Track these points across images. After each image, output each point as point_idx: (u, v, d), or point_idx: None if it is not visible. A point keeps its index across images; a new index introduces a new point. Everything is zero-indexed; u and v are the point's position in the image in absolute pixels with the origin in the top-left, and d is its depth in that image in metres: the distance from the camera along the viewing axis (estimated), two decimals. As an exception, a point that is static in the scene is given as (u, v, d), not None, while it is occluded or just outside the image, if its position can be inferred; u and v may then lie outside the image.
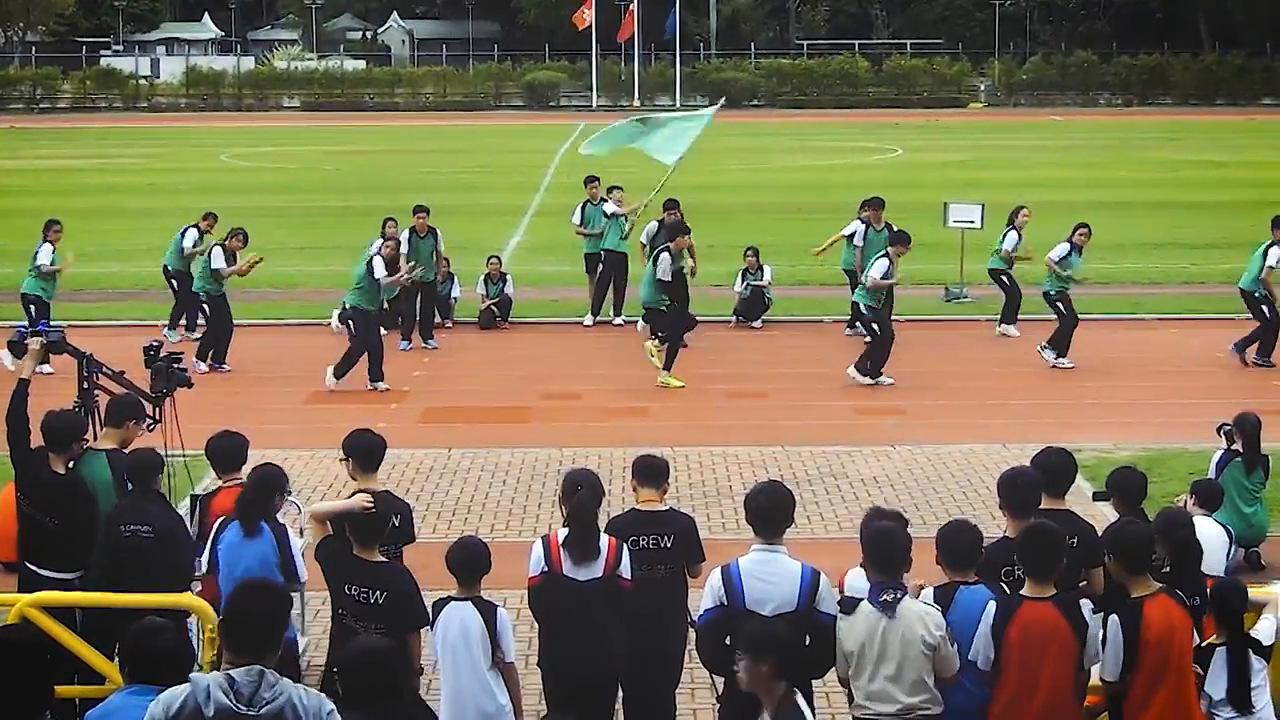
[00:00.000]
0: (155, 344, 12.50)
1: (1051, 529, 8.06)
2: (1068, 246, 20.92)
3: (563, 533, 8.89)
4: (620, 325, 23.80)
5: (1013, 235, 22.78)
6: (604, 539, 8.89)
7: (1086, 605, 7.87)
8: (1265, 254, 20.39)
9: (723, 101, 26.94)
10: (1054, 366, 20.70)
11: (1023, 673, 7.72)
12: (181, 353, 13.27)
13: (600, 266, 24.20)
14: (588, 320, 24.17)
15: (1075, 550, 8.79)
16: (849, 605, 7.80)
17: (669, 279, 19.58)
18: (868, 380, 19.58)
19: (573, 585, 8.74)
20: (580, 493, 8.97)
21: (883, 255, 19.87)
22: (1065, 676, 7.76)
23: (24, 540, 10.21)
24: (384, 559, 8.68)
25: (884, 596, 7.69)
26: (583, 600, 8.73)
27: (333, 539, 8.67)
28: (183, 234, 22.64)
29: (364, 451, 9.61)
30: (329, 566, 8.67)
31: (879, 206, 22.67)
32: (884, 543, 7.89)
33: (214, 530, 9.68)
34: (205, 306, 21.10)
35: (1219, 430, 13.34)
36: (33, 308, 20.51)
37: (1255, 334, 20.77)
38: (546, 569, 8.81)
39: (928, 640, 7.67)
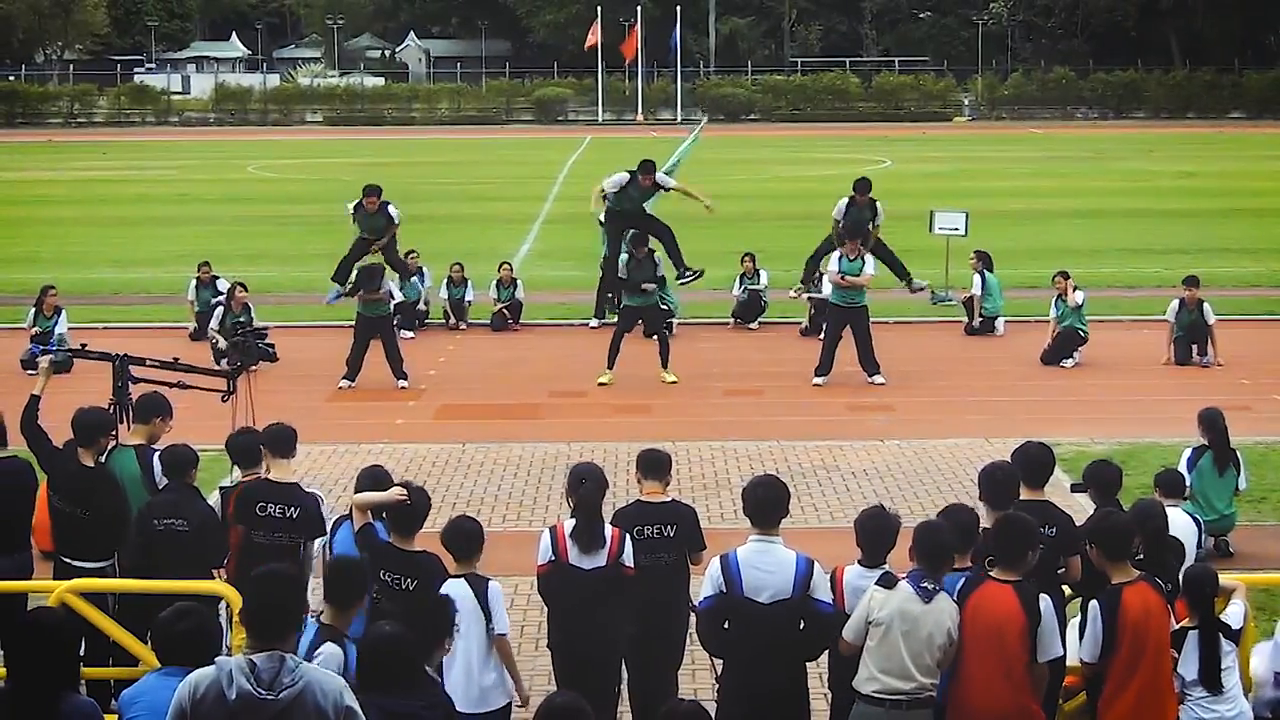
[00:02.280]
0: (240, 321, 12.59)
1: (1026, 520, 8.06)
2: (1056, 295, 21.30)
3: (569, 524, 8.88)
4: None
5: (976, 280, 23.22)
6: (608, 529, 8.88)
7: (1045, 600, 7.83)
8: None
9: (705, 120, 26.78)
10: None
11: (973, 648, 7.70)
12: (266, 328, 13.37)
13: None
14: (593, 322, 24.14)
15: (1054, 539, 8.79)
16: (889, 581, 7.80)
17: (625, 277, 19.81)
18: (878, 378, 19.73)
19: (578, 573, 8.74)
20: (585, 486, 8.97)
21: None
22: (1015, 661, 7.70)
23: (57, 534, 10.21)
24: (419, 549, 8.69)
25: (925, 584, 7.72)
26: (588, 587, 8.73)
27: (370, 526, 8.75)
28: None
29: (280, 441, 9.87)
30: (365, 552, 8.71)
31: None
32: (933, 538, 7.91)
33: (330, 528, 9.74)
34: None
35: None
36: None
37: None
38: (554, 558, 8.80)
39: (952, 634, 7.69)
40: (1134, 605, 7.83)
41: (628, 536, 8.93)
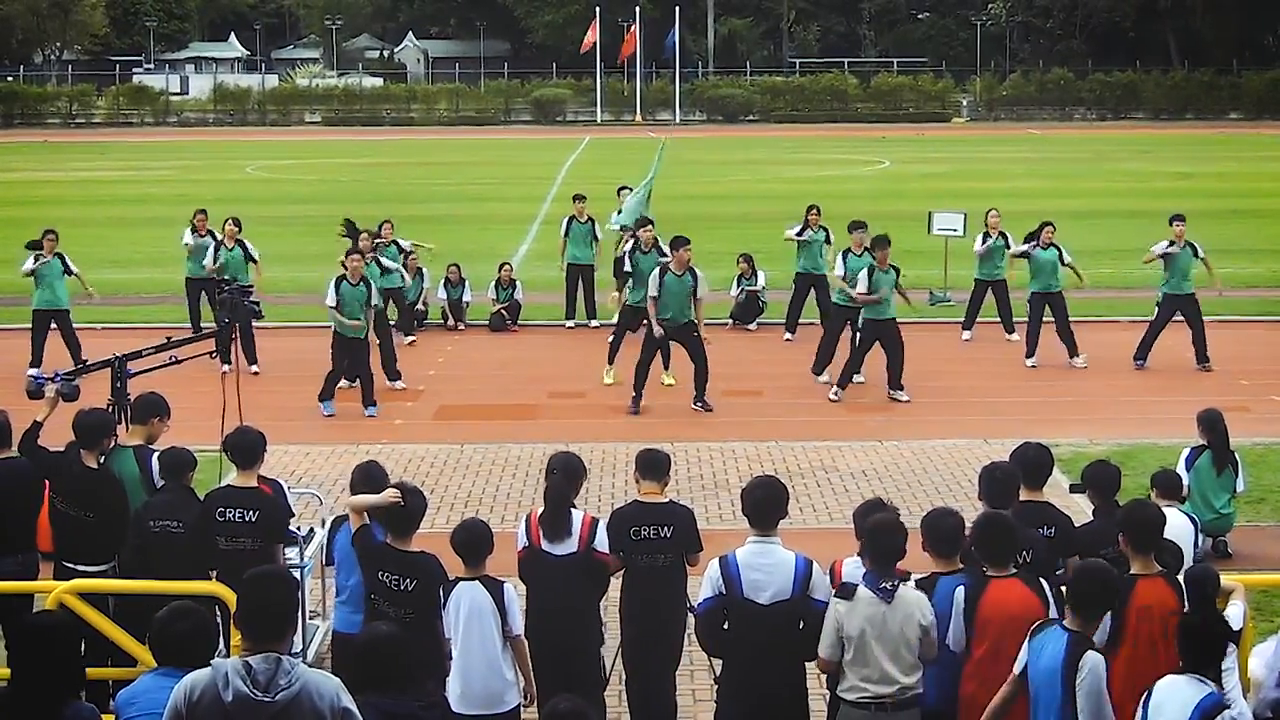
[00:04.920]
0: (228, 279, 12.65)
1: (1004, 517, 8.12)
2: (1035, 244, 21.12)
3: (540, 511, 8.99)
4: (596, 328, 23.85)
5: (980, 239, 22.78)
6: (577, 517, 8.96)
7: (1042, 581, 7.91)
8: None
9: (666, 141, 26.61)
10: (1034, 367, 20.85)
11: (995, 647, 7.70)
12: (252, 286, 13.43)
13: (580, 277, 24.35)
14: (569, 323, 24.38)
15: (1053, 540, 8.79)
16: (847, 591, 7.77)
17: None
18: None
19: (549, 559, 8.87)
20: (553, 477, 9.13)
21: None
22: None
23: (58, 538, 10.20)
24: (417, 549, 8.72)
25: (884, 584, 7.69)
26: (559, 573, 8.85)
27: (367, 528, 8.78)
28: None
29: (241, 450, 9.74)
30: (363, 554, 8.77)
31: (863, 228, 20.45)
32: (883, 534, 7.88)
33: (329, 528, 9.81)
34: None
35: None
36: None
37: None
38: (528, 544, 8.95)
39: (922, 624, 7.68)
40: (1146, 596, 7.84)
41: (600, 523, 9.02)
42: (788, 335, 23.04)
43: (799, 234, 22.68)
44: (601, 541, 8.93)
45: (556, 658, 8.85)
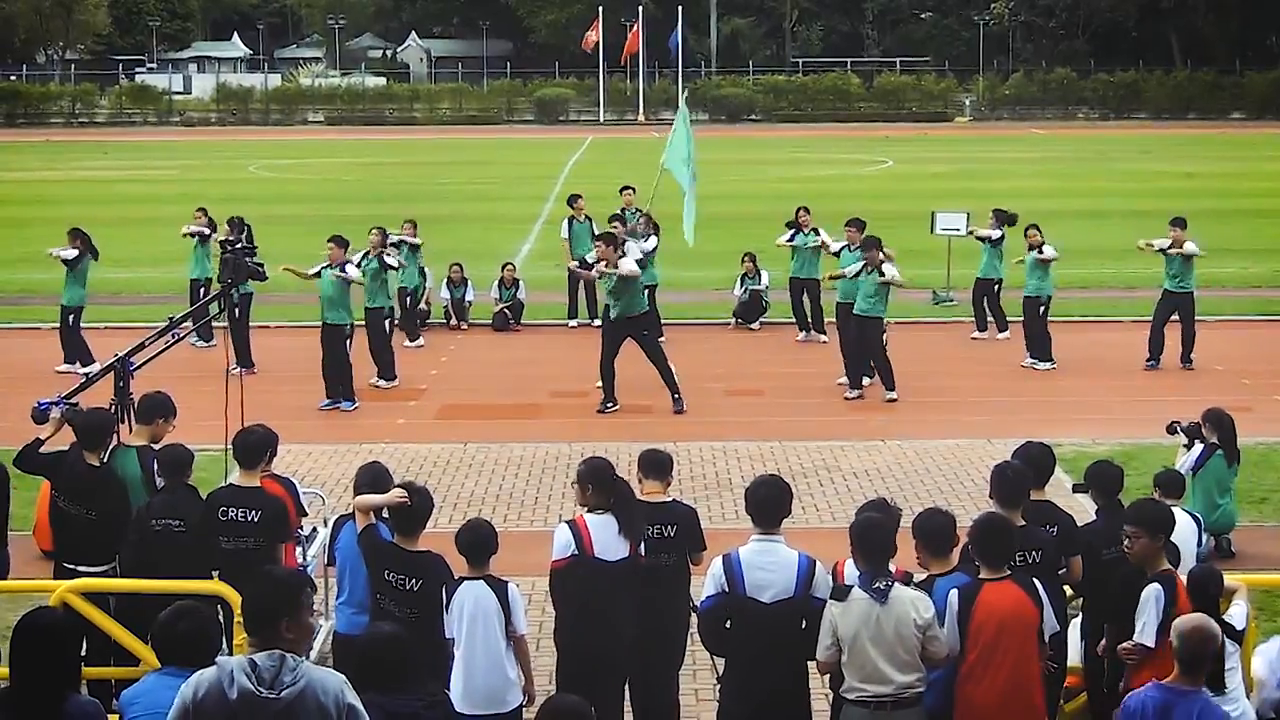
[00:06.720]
0: (231, 240, 12.68)
1: (1001, 519, 8.15)
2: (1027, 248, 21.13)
3: (593, 517, 8.77)
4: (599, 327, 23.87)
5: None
6: None
7: (1036, 581, 7.93)
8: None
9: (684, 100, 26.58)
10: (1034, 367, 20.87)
11: (989, 648, 7.71)
12: (255, 247, 13.49)
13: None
14: (572, 323, 24.42)
15: (1056, 539, 8.80)
16: (841, 593, 7.77)
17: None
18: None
19: (603, 566, 8.66)
20: (621, 482, 8.87)
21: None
22: (1030, 650, 7.76)
23: (59, 538, 10.21)
24: (422, 549, 8.71)
25: (876, 584, 7.68)
26: (612, 580, 8.66)
27: (374, 527, 8.77)
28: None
29: (244, 450, 9.80)
30: (369, 553, 8.76)
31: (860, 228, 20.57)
32: (871, 534, 7.88)
33: (331, 528, 9.80)
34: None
35: (1172, 429, 13.21)
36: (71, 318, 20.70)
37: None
38: (576, 553, 8.69)
39: (919, 622, 7.66)
40: (1183, 594, 7.89)
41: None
42: (800, 336, 22.99)
43: (790, 240, 22.66)
44: (643, 545, 8.83)
45: (592, 668, 8.71)
